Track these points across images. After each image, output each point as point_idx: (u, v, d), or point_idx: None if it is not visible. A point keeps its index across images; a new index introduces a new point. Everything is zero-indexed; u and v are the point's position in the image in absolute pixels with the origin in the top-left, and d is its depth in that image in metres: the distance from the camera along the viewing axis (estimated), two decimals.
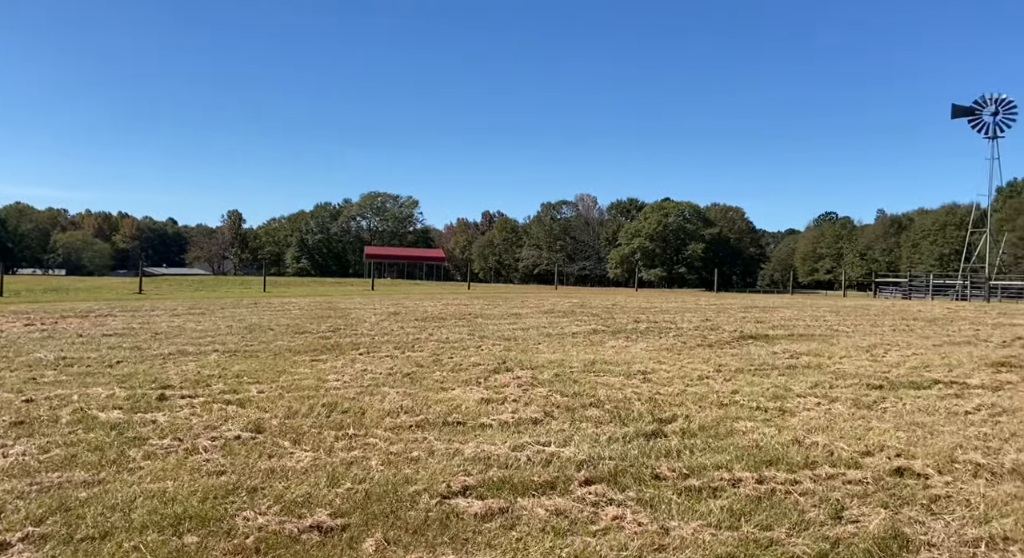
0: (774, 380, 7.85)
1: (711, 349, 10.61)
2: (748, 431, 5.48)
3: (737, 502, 3.88)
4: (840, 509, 3.81)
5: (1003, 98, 50.85)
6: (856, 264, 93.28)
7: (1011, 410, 6.43)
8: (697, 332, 12.94)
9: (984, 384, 7.78)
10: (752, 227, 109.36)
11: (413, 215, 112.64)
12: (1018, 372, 8.63)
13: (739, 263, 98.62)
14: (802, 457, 4.75)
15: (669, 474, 4.34)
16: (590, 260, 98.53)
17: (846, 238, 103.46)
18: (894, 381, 7.83)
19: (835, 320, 16.39)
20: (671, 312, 18.42)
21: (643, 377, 7.93)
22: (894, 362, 9.38)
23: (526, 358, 9.15)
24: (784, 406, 6.47)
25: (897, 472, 4.47)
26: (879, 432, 5.49)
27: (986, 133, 51.48)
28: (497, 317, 15.64)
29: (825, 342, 11.68)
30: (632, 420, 5.77)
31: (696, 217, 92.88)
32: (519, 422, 5.63)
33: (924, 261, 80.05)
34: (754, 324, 14.79)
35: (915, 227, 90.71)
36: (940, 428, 5.67)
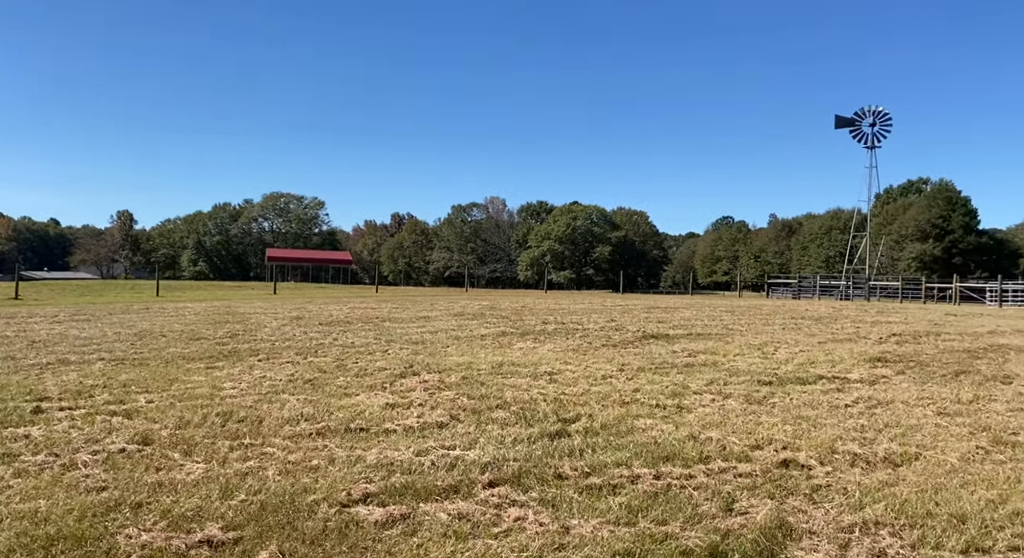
0: (673, 378, 8.13)
1: (615, 349, 10.88)
2: (648, 428, 5.64)
3: (635, 498, 3.98)
4: (731, 501, 3.98)
5: (880, 111, 54.86)
6: (751, 266, 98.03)
7: (885, 402, 6.92)
8: (602, 332, 13.24)
9: (863, 378, 8.33)
10: (656, 230, 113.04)
11: (319, 216, 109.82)
12: (892, 366, 9.30)
13: (644, 265, 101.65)
14: (697, 452, 4.93)
15: (571, 473, 4.41)
16: (501, 262, 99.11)
17: (742, 241, 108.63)
18: (783, 377, 8.27)
19: (730, 319, 17.16)
20: (578, 313, 18.76)
21: (550, 378, 8.03)
22: (783, 359, 9.92)
23: (434, 361, 9.09)
24: (682, 403, 6.71)
25: (783, 464, 4.71)
26: (768, 426, 5.78)
27: (865, 143, 55.40)
28: (405, 320, 15.46)
29: (721, 341, 12.21)
30: (537, 421, 5.82)
31: (603, 220, 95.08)
32: (424, 426, 5.58)
33: (812, 263, 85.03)
34: (656, 324, 15.28)
35: (804, 231, 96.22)
36: (823, 421, 6.03)
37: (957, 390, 7.57)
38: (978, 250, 72.16)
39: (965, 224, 73.50)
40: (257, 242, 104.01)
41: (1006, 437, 5.50)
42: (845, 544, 3.42)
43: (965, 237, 72.20)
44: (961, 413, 6.44)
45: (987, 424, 5.96)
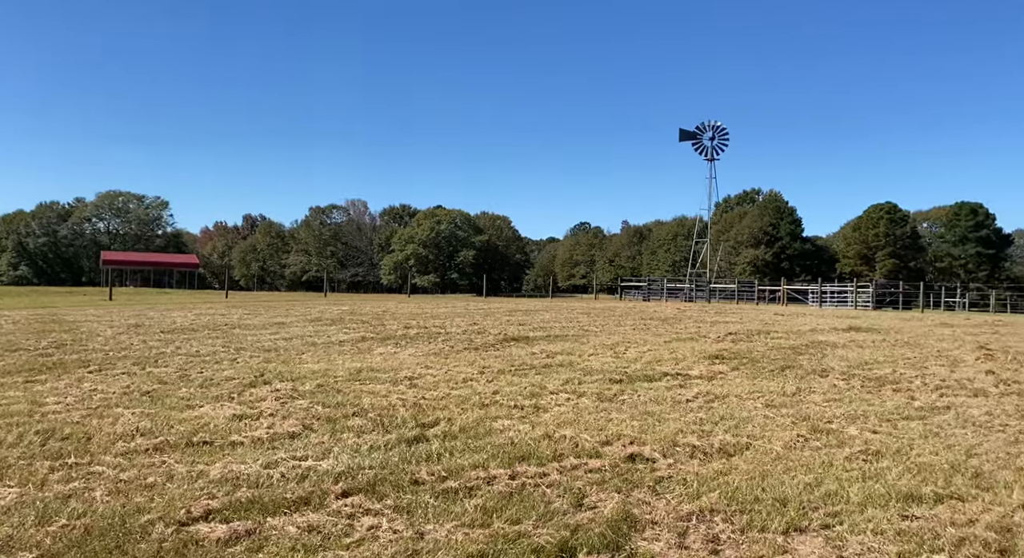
0: (531, 379, 8.32)
1: (477, 352, 10.97)
2: (506, 429, 5.74)
3: (491, 499, 4.03)
4: (581, 497, 4.13)
5: (718, 125, 59.20)
6: (606, 270, 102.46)
7: (721, 396, 7.47)
8: (465, 336, 13.31)
9: (702, 375, 8.94)
10: (518, 235, 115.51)
11: (162, 217, 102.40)
12: (728, 363, 10.05)
13: (507, 269, 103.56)
14: (551, 450, 5.08)
15: (428, 478, 4.39)
16: (363, 266, 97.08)
17: (598, 246, 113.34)
18: (632, 375, 8.71)
19: (587, 321, 17.84)
20: (441, 317, 18.74)
21: (410, 383, 7.96)
22: (633, 358, 10.44)
23: (287, 369, 8.73)
24: (539, 403, 6.89)
25: (630, 458, 4.96)
26: (617, 422, 6.06)
27: (706, 155, 59.54)
28: (258, 327, 14.75)
29: (577, 342, 12.66)
30: (396, 427, 5.75)
31: (467, 225, 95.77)
32: (275, 437, 5.34)
33: (661, 267, 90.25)
34: (517, 327, 15.57)
35: (653, 237, 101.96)
36: (667, 416, 6.41)
37: (783, 384, 8.31)
38: (802, 255, 79.65)
39: (792, 232, 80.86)
40: (91, 244, 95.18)
41: (822, 425, 6.11)
42: (683, 532, 3.65)
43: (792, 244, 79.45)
44: (786, 404, 7.07)
45: (807, 414, 6.59)
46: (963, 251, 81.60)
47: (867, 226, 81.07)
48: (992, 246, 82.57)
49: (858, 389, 8.02)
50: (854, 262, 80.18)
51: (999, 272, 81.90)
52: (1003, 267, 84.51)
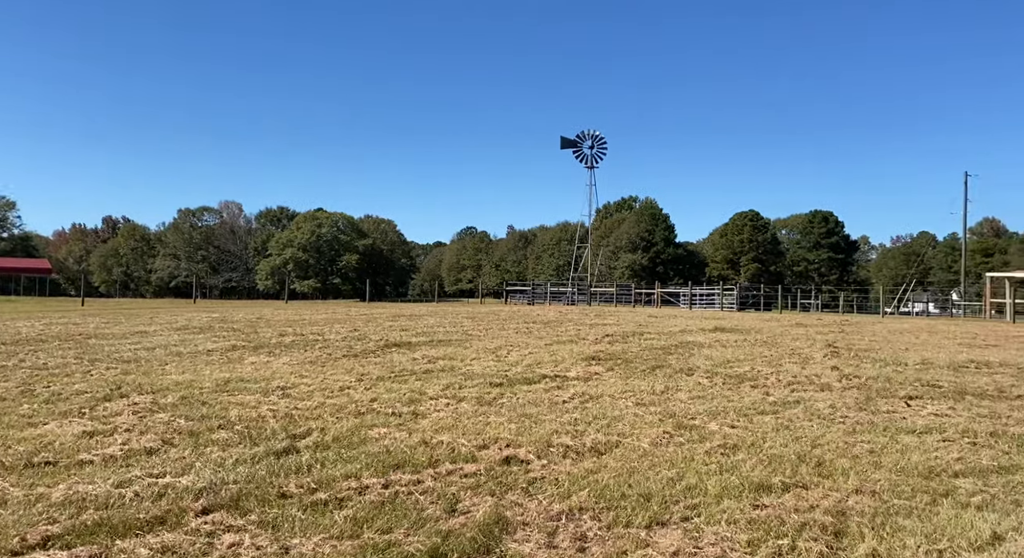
0: (411, 385, 8.25)
1: (356, 359, 10.74)
2: (381, 437, 5.65)
3: (362, 510, 3.95)
4: (455, 502, 4.13)
5: (597, 134, 61.29)
6: (492, 274, 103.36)
7: (596, 396, 7.71)
8: (344, 343, 13.00)
9: (579, 376, 9.20)
10: (404, 239, 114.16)
11: (8, 218, 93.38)
12: (604, 364, 10.39)
13: (392, 274, 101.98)
14: (427, 457, 5.05)
15: (297, 491, 4.25)
16: (237, 271, 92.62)
17: (484, 251, 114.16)
18: (512, 378, 8.82)
19: (471, 325, 17.90)
20: (320, 324, 18.21)
21: (282, 393, 7.68)
22: (514, 361, 10.58)
23: (148, 381, 8.19)
24: (417, 409, 6.83)
25: (506, 461, 5.01)
26: (495, 426, 6.11)
27: (586, 163, 61.47)
28: (117, 337, 13.73)
29: (460, 346, 12.67)
30: (264, 439, 5.53)
31: (350, 228, 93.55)
32: (129, 454, 4.99)
33: (545, 271, 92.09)
34: (400, 332, 15.39)
35: (538, 242, 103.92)
36: (543, 417, 6.53)
37: (653, 382, 8.69)
38: (676, 260, 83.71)
39: (666, 237, 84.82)
40: None
41: (686, 422, 6.43)
42: (553, 531, 3.73)
43: (666, 249, 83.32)
44: (655, 403, 7.40)
45: (673, 411, 6.92)
46: (817, 256, 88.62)
47: (733, 232, 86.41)
48: (841, 251, 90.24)
49: (720, 386, 8.52)
50: (722, 266, 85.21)
51: (847, 275, 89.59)
52: (851, 271, 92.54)
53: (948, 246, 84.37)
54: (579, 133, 61.33)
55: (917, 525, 3.74)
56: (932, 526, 3.72)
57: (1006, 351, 12.97)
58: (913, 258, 79.72)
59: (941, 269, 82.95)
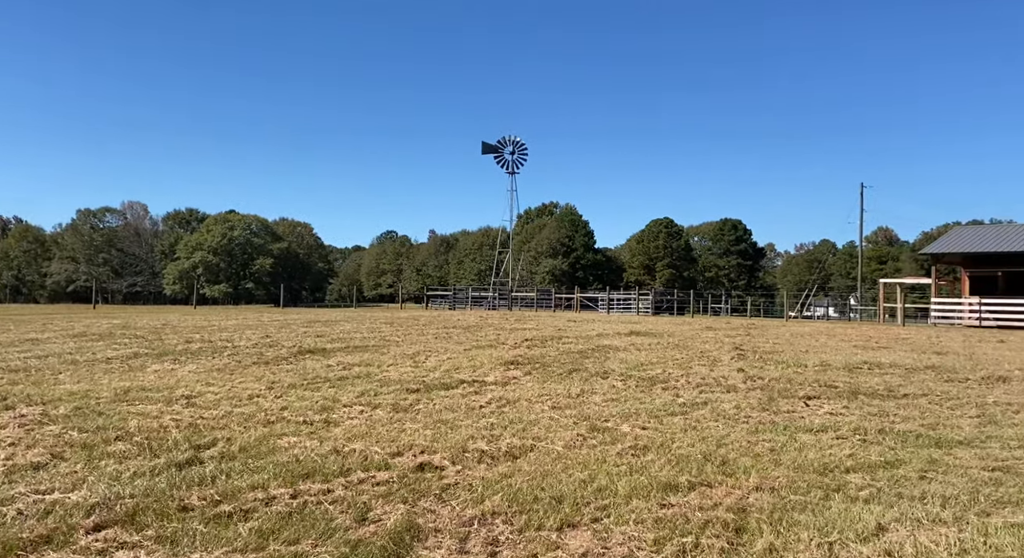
0: (324, 393, 8.06)
1: (267, 366, 10.41)
2: (291, 446, 5.49)
3: (268, 521, 3.83)
4: (366, 511, 4.06)
5: (518, 140, 61.76)
6: (413, 279, 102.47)
7: (513, 401, 7.75)
8: (255, 349, 12.58)
9: (497, 380, 9.23)
10: (321, 243, 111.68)
11: None
12: (522, 368, 10.47)
13: (309, 278, 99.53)
14: (338, 465, 4.94)
15: (199, 503, 4.08)
16: (143, 275, 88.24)
17: (405, 255, 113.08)
18: (429, 384, 8.76)
19: (389, 331, 17.67)
20: (230, 330, 17.55)
21: (187, 402, 7.36)
22: (432, 366, 10.51)
23: (38, 392, 7.68)
24: (330, 417, 6.68)
25: (420, 468, 4.97)
26: (410, 432, 6.05)
27: (507, 169, 61.82)
28: (4, 344, 12.82)
29: (377, 352, 12.49)
30: (165, 450, 5.28)
31: (264, 231, 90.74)
32: (14, 470, 4.67)
33: (467, 276, 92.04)
34: (314, 338, 15.02)
35: (460, 246, 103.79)
36: (460, 422, 6.52)
37: (569, 386, 8.81)
38: (595, 266, 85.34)
39: (586, 243, 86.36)
40: None
41: (600, 424, 6.56)
42: (465, 537, 3.73)
43: (586, 254, 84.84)
44: (570, 406, 7.51)
45: (587, 414, 7.04)
46: (727, 262, 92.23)
47: (649, 239, 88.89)
48: (749, 258, 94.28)
49: (633, 389, 8.73)
50: (638, 272, 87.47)
51: (755, 281, 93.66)
52: (758, 276, 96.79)
53: (847, 253, 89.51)
54: (500, 139, 61.65)
55: (811, 519, 3.93)
56: (824, 520, 3.92)
57: (896, 352, 13.85)
58: (815, 265, 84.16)
59: (841, 275, 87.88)
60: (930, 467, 5.06)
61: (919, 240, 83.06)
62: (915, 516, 3.96)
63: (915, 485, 4.61)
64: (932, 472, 4.93)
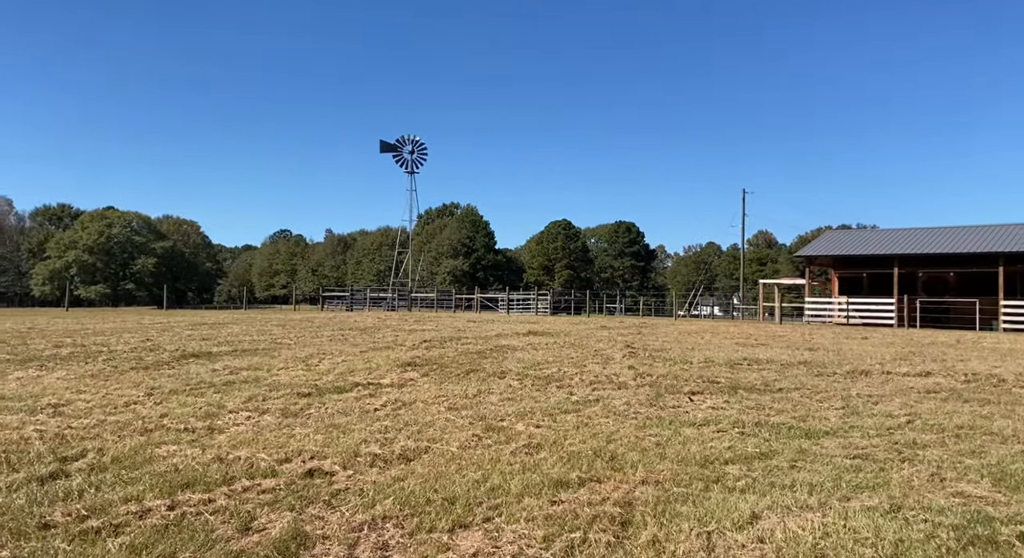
0: (209, 398, 7.70)
1: (147, 372, 9.83)
2: (170, 455, 5.21)
3: (141, 535, 3.62)
4: (250, 520, 3.90)
5: (417, 139, 61.33)
6: (308, 279, 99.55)
7: (409, 403, 7.68)
8: (133, 354, 11.85)
9: (393, 382, 9.11)
10: (208, 241, 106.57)
11: None
12: (420, 370, 10.39)
13: (196, 279, 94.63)
14: (222, 474, 4.73)
15: (63, 520, 3.79)
16: (8, 275, 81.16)
17: (300, 255, 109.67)
18: (322, 387, 8.53)
19: (281, 333, 17.08)
20: (106, 333, 16.45)
21: (54, 410, 6.83)
22: (325, 369, 10.25)
23: None
24: (214, 424, 6.39)
25: (309, 473, 4.83)
26: (300, 438, 5.88)
27: (406, 168, 61.26)
28: None
29: (267, 356, 12.04)
30: (26, 464, 4.88)
31: (146, 229, 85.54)
32: None
33: (365, 276, 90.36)
34: (200, 342, 14.31)
35: (358, 246, 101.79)
36: (352, 426, 6.39)
37: (466, 387, 8.82)
38: (495, 266, 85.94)
39: (486, 244, 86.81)
40: None
41: (496, 424, 6.60)
42: (354, 543, 3.66)
43: (486, 255, 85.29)
44: (467, 406, 7.52)
45: (484, 414, 7.07)
46: (621, 263, 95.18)
47: (548, 240, 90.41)
48: (642, 259, 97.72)
49: (529, 388, 8.85)
50: (538, 272, 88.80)
51: (648, 281, 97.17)
52: (650, 277, 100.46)
53: (730, 255, 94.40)
54: (399, 138, 61.01)
55: (692, 510, 4.12)
56: (704, 510, 4.12)
57: (772, 349, 14.74)
58: (702, 266, 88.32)
59: (725, 276, 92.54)
60: (800, 457, 5.42)
61: (795, 243, 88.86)
62: (785, 503, 4.23)
63: (786, 474, 4.92)
64: (802, 461, 5.28)
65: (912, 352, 14.56)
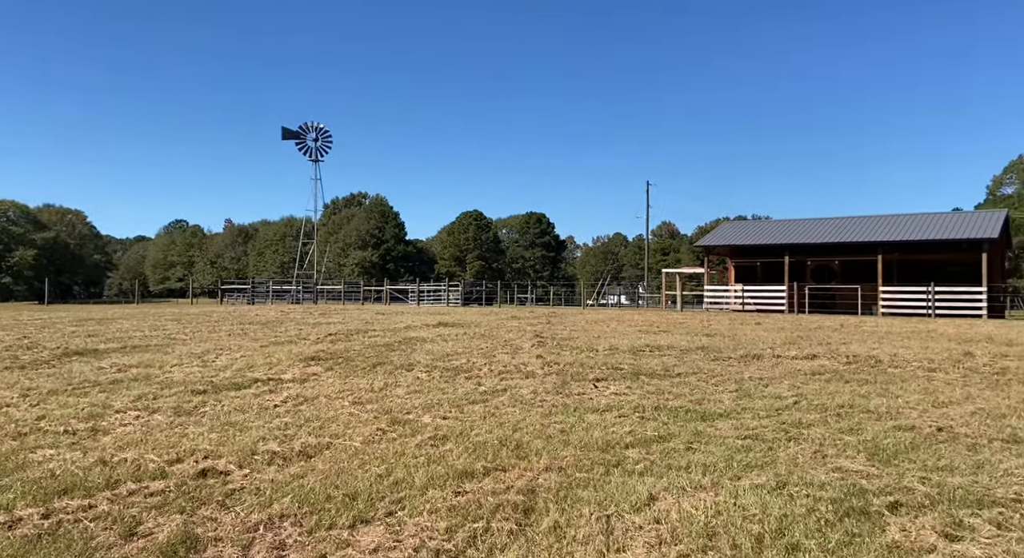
0: (93, 398, 7.23)
1: (22, 371, 9.13)
2: (46, 460, 4.86)
3: (10, 547, 3.35)
4: (135, 525, 3.69)
5: (321, 127, 59.64)
6: (207, 271, 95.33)
7: (311, 398, 7.48)
8: (7, 353, 10.97)
9: (295, 378, 8.85)
10: (96, 232, 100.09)
11: None
12: (324, 364, 10.13)
13: (82, 271, 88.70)
14: (104, 478, 4.45)
15: None
16: None
17: (197, 246, 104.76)
18: (218, 384, 8.18)
19: (175, 328, 16.27)
20: None
21: None
22: (223, 365, 9.83)
23: None
24: (99, 425, 6.01)
25: (202, 474, 4.62)
26: (193, 437, 5.61)
27: (310, 156, 59.50)
28: None
29: (160, 352, 11.44)
30: None
31: (25, 219, 79.41)
32: None
33: (268, 268, 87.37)
34: (85, 339, 13.43)
35: (260, 237, 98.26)
36: (250, 424, 6.16)
37: (372, 380, 8.68)
38: (406, 257, 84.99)
39: (396, 235, 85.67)
40: None
41: (402, 417, 6.53)
42: (249, 543, 3.52)
43: (396, 246, 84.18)
44: (372, 400, 7.39)
45: (389, 407, 6.98)
46: (532, 254, 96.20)
47: (459, 231, 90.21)
48: (553, 250, 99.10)
49: (438, 379, 8.80)
50: (449, 263, 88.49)
51: (558, 271, 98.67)
52: (560, 267, 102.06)
53: (636, 246, 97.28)
54: (302, 124, 59.14)
55: (593, 495, 4.21)
56: (604, 494, 4.22)
57: (673, 336, 15.28)
58: (609, 256, 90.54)
59: (631, 265, 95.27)
60: (695, 439, 5.64)
61: (695, 233, 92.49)
62: (680, 485, 4.38)
63: (683, 456, 5.11)
64: (697, 443, 5.50)
65: (800, 336, 15.45)
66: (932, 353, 11.87)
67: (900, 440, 5.60)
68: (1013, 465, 4.90)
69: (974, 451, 5.30)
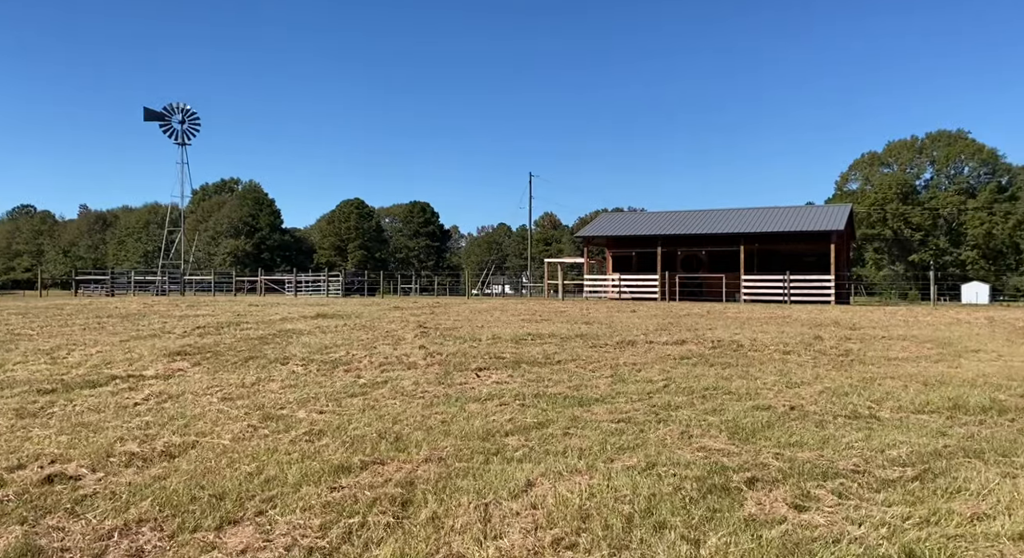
0: None
1: None
2: None
3: None
4: None
5: (188, 109, 56.15)
6: (60, 261, 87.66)
7: (176, 395, 7.05)
8: None
9: (159, 374, 8.31)
10: None
11: None
12: (191, 359, 9.58)
13: None
14: None
15: None
16: None
17: (47, 234, 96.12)
18: (69, 382, 7.55)
19: (20, 323, 14.84)
20: None
21: None
22: (76, 362, 9.08)
23: None
24: None
25: (48, 480, 4.25)
26: (38, 440, 5.15)
27: (176, 139, 55.92)
28: None
29: (1, 349, 10.39)
30: None
31: None
32: None
33: (131, 258, 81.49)
34: None
35: (121, 224, 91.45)
36: (106, 424, 5.72)
37: (243, 375, 8.30)
38: (283, 247, 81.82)
39: (272, 223, 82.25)
40: None
41: (275, 412, 6.28)
42: (102, 552, 3.27)
43: (272, 235, 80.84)
44: (243, 396, 7.07)
45: (262, 403, 6.70)
46: (417, 244, 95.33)
47: (340, 220, 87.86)
48: (437, 239, 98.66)
49: (314, 373, 8.54)
50: (330, 253, 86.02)
51: (443, 261, 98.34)
52: (445, 257, 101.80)
53: (520, 236, 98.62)
54: (166, 105, 55.41)
55: (472, 484, 4.23)
56: (483, 483, 4.25)
57: (554, 324, 15.63)
58: (494, 246, 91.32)
59: (515, 255, 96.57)
60: (572, 424, 5.80)
61: (576, 224, 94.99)
62: (557, 469, 4.49)
63: (560, 441, 5.24)
64: (574, 428, 5.65)
65: (671, 323, 16.24)
66: (787, 337, 12.83)
67: (758, 419, 6.01)
68: (853, 439, 5.39)
69: (821, 427, 5.78)
